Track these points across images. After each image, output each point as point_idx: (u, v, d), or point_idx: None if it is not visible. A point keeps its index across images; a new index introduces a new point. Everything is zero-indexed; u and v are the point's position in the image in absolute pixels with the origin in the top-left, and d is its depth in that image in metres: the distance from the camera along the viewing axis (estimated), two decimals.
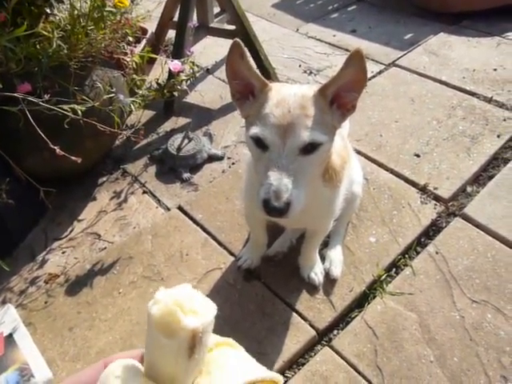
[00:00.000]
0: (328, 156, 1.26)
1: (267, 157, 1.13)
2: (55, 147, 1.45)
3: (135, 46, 2.28)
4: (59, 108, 1.56)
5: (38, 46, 1.69)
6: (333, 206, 1.45)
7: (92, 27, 1.79)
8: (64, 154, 1.46)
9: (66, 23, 1.74)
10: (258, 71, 1.21)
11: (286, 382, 1.49)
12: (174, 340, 0.40)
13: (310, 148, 1.12)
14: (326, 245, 1.84)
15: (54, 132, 1.65)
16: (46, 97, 1.48)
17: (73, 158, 1.47)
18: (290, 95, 1.14)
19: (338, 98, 1.18)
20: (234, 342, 0.50)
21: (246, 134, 1.20)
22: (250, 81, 1.20)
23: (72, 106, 1.55)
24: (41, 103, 1.49)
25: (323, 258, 1.79)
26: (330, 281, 1.74)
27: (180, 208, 2.09)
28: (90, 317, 1.69)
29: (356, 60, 1.11)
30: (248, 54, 1.24)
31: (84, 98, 1.72)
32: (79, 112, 1.57)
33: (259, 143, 1.14)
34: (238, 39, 1.15)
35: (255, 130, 1.13)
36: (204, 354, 0.43)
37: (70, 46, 1.76)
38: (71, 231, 2.03)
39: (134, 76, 2.09)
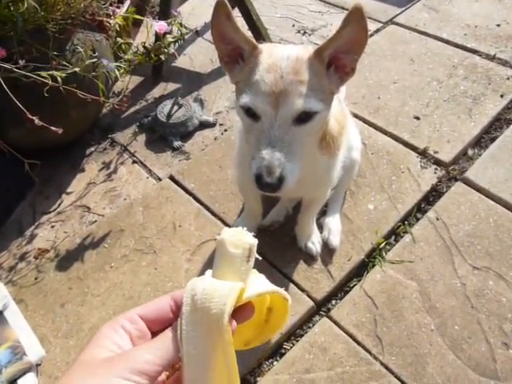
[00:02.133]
0: (325, 124, 1.19)
1: (259, 127, 1.06)
2: (33, 117, 1.35)
3: (118, 7, 2.14)
4: (37, 75, 1.45)
5: (12, 8, 1.57)
6: (330, 175, 1.38)
7: None
8: (43, 125, 1.36)
9: None
10: (245, 33, 1.11)
11: (284, 353, 1.47)
12: (239, 250, 0.58)
13: (305, 117, 1.05)
14: (323, 213, 1.78)
15: (35, 101, 1.55)
16: (22, 62, 1.37)
17: (52, 128, 1.37)
18: (283, 58, 1.05)
19: (336, 60, 1.09)
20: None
21: (236, 102, 1.12)
22: (238, 44, 1.11)
23: (51, 72, 1.44)
24: (15, 70, 1.38)
25: (321, 227, 1.74)
26: (327, 250, 1.69)
27: (171, 178, 2.01)
28: (82, 292, 1.65)
29: (355, 18, 0.99)
30: (235, 14, 1.14)
31: (64, 63, 1.62)
32: (59, 79, 1.46)
33: (250, 113, 1.07)
34: None
35: (245, 99, 1.06)
36: (253, 263, 0.60)
37: (46, 7, 1.64)
38: (60, 204, 1.96)
39: (118, 39, 1.97)
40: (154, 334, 0.57)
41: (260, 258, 0.63)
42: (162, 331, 0.55)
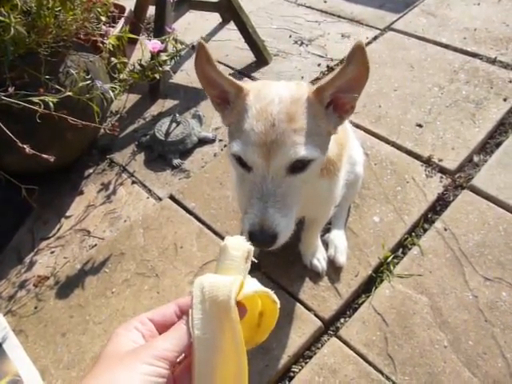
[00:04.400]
0: (323, 164, 1.12)
1: (251, 178, 1.00)
2: (24, 146, 1.32)
3: (113, 26, 2.12)
4: (29, 101, 1.42)
5: (1, 33, 1.54)
6: (333, 195, 1.33)
7: (59, 8, 1.64)
8: (34, 153, 1.32)
9: (30, 5, 1.59)
10: (228, 76, 1.06)
11: (293, 377, 1.42)
12: (239, 252, 0.67)
13: (300, 166, 0.99)
14: (327, 230, 1.74)
15: (29, 126, 1.53)
16: (11, 90, 1.34)
17: (44, 156, 1.34)
18: (274, 102, 0.97)
19: (336, 99, 1.04)
20: None
21: (228, 148, 1.07)
22: (222, 87, 1.07)
23: (42, 97, 1.41)
24: (3, 97, 1.35)
25: (326, 245, 1.69)
26: (333, 267, 1.64)
27: (172, 197, 1.98)
28: (83, 320, 1.61)
29: (358, 55, 0.95)
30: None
31: (57, 87, 1.59)
32: (51, 104, 1.43)
33: (241, 162, 1.01)
34: (202, 41, 1.01)
35: (235, 148, 0.99)
36: (249, 265, 0.67)
37: (37, 30, 1.62)
38: (59, 229, 1.92)
39: (113, 59, 1.94)
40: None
41: (256, 261, 0.72)
42: None
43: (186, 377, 0.60)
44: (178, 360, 0.61)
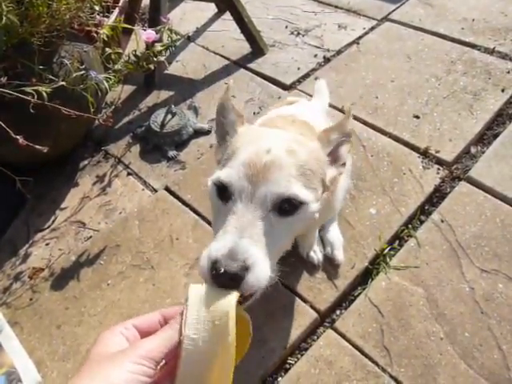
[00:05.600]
0: (313, 221, 0.97)
1: (229, 208, 0.84)
2: (17, 136, 1.30)
3: (107, 16, 2.09)
4: (22, 91, 1.40)
5: None
6: (333, 208, 1.31)
7: None
8: (28, 144, 1.31)
9: None
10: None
11: (288, 369, 1.42)
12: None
13: (290, 208, 0.85)
14: (321, 227, 1.72)
15: (23, 116, 1.50)
16: (3, 80, 1.32)
17: (37, 147, 1.32)
18: (274, 133, 0.97)
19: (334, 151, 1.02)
20: None
21: (209, 183, 0.94)
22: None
23: (35, 87, 1.39)
24: None
25: (321, 241, 1.68)
26: (330, 259, 1.63)
27: (167, 189, 1.96)
28: (79, 312, 1.60)
29: None
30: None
31: (51, 77, 1.57)
32: (44, 94, 1.41)
33: (223, 193, 0.88)
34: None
35: (218, 174, 0.89)
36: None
37: (30, 20, 1.59)
38: (54, 221, 1.91)
39: (107, 49, 1.91)
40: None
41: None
42: None
43: (167, 381, 0.63)
44: (160, 366, 0.62)
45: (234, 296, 0.63)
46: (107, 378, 0.55)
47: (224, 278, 0.72)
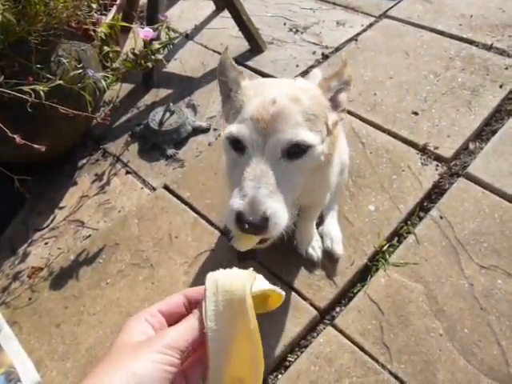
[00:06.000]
0: (321, 162, 1.05)
1: (244, 161, 0.94)
2: (15, 136, 1.30)
3: (105, 14, 2.09)
4: (19, 90, 1.40)
5: None
6: (328, 180, 1.32)
7: None
8: (26, 143, 1.30)
9: None
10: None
11: (288, 366, 1.42)
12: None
13: (298, 151, 0.95)
14: (320, 222, 1.72)
15: (22, 115, 1.50)
16: (0, 79, 1.32)
17: (35, 146, 1.32)
18: (278, 84, 1.00)
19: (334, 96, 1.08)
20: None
21: (222, 135, 1.02)
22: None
23: (33, 86, 1.38)
24: None
25: (321, 237, 1.68)
26: (329, 256, 1.63)
27: (166, 187, 1.96)
28: (78, 311, 1.60)
29: None
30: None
31: (48, 76, 1.57)
32: (41, 93, 1.41)
33: (236, 145, 0.97)
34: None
35: (230, 129, 0.96)
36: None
37: (28, 18, 1.59)
38: (53, 220, 1.91)
39: (105, 48, 1.91)
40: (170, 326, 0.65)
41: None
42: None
43: (196, 369, 0.62)
44: (186, 353, 0.62)
45: (248, 280, 0.62)
46: (131, 368, 0.54)
47: (249, 229, 0.86)
